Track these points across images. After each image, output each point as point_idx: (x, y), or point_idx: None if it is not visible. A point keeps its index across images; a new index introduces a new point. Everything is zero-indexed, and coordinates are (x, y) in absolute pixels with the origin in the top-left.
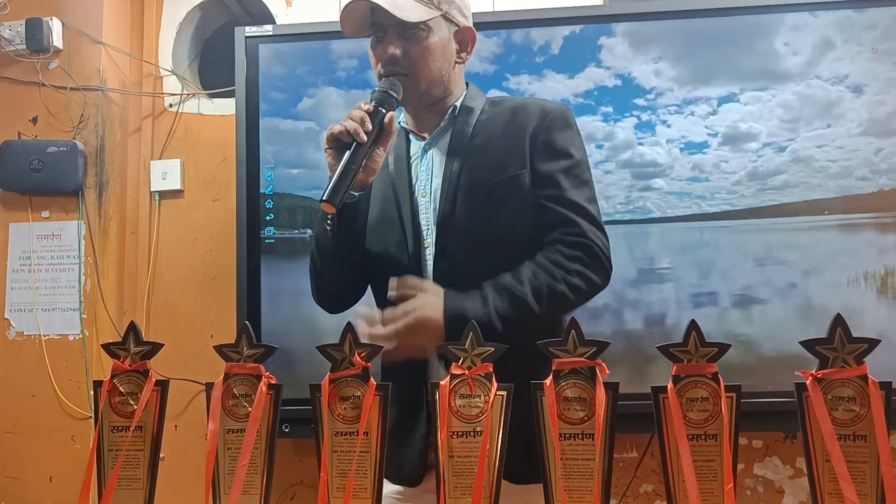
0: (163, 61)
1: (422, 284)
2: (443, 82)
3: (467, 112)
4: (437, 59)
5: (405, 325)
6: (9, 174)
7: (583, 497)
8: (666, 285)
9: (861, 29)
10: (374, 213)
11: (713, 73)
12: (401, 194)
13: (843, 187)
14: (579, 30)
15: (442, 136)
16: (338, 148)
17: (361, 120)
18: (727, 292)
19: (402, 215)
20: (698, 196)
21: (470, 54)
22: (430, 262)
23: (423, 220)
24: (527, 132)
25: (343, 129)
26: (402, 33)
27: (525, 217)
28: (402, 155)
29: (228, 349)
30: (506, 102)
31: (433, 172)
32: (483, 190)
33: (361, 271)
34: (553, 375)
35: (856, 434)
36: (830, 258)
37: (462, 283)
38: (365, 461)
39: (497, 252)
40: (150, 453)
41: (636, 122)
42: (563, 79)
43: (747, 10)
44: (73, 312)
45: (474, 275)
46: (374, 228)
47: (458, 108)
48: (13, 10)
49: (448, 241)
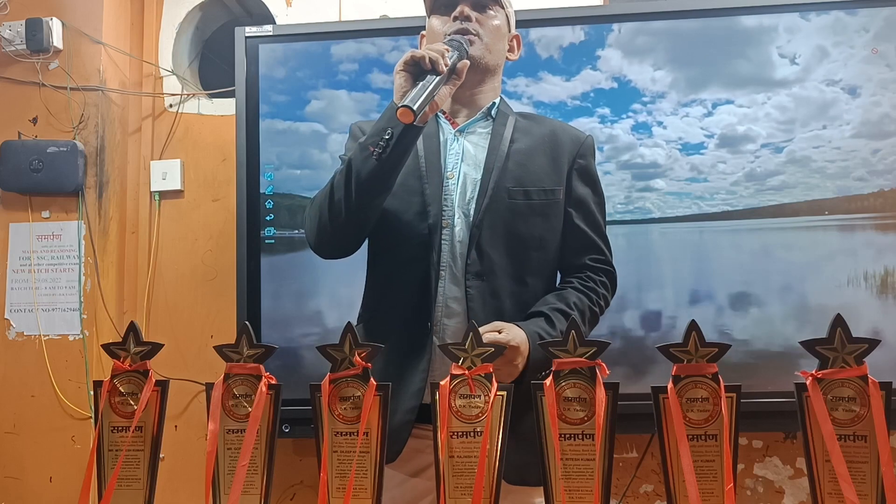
0: (163, 61)
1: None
2: (496, 62)
3: (504, 116)
4: (499, 40)
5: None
6: (9, 174)
7: (583, 497)
8: (665, 285)
9: (853, 31)
10: (398, 178)
11: (709, 77)
12: (429, 169)
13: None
14: (578, 42)
15: (474, 127)
16: (413, 73)
17: (441, 53)
18: (726, 293)
19: (425, 189)
20: (697, 196)
21: (516, 56)
22: (447, 244)
23: (448, 200)
24: (565, 154)
25: (425, 55)
26: (476, 5)
27: (554, 229)
28: (433, 133)
29: (228, 349)
30: (537, 119)
31: (462, 159)
32: (521, 193)
33: (375, 218)
34: (553, 375)
35: (856, 434)
36: (829, 258)
37: (490, 277)
38: (365, 461)
39: (526, 254)
40: (150, 453)
41: (633, 123)
42: (560, 81)
43: (748, 9)
44: (73, 312)
45: (502, 270)
46: (395, 192)
47: (496, 108)
48: (13, 10)
49: (483, 233)
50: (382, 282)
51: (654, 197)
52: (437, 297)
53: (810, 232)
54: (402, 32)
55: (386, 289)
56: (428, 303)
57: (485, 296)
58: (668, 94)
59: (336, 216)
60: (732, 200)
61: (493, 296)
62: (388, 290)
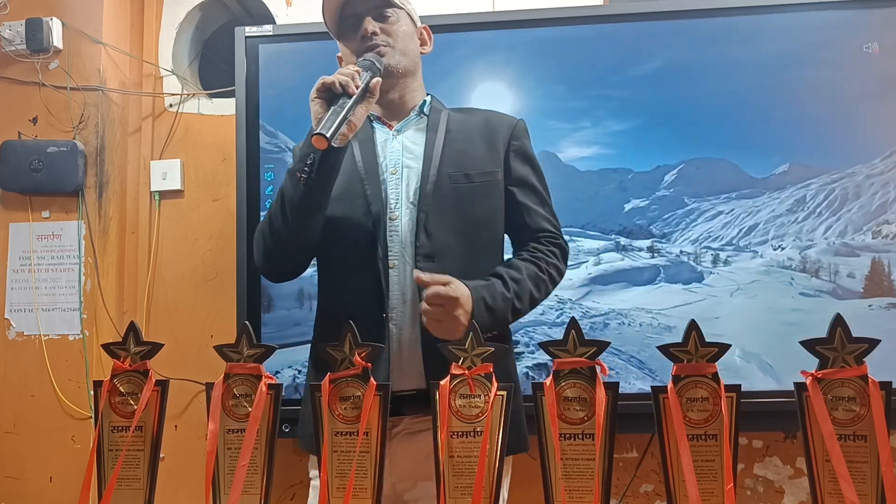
0: (163, 61)
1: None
2: (413, 63)
3: (437, 112)
4: (408, 40)
5: (446, 294)
6: (9, 174)
7: (583, 497)
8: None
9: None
10: (337, 186)
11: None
12: (367, 171)
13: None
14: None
15: (409, 125)
16: (326, 98)
17: (352, 76)
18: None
19: (366, 190)
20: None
21: (429, 48)
22: (397, 234)
23: (393, 195)
24: (500, 138)
25: (335, 81)
26: (377, 17)
27: (498, 209)
28: (368, 138)
29: (228, 349)
30: (469, 111)
31: (402, 155)
32: (462, 177)
33: (317, 237)
34: (553, 375)
35: (856, 434)
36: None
37: (441, 258)
38: (365, 461)
39: (474, 234)
40: (150, 453)
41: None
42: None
43: (748, 10)
44: (73, 312)
45: (452, 251)
46: (335, 200)
47: (428, 105)
48: (13, 10)
49: (430, 217)
50: (335, 283)
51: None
52: (391, 287)
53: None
54: None
55: (339, 288)
56: (380, 294)
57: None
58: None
59: (277, 242)
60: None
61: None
62: (342, 289)
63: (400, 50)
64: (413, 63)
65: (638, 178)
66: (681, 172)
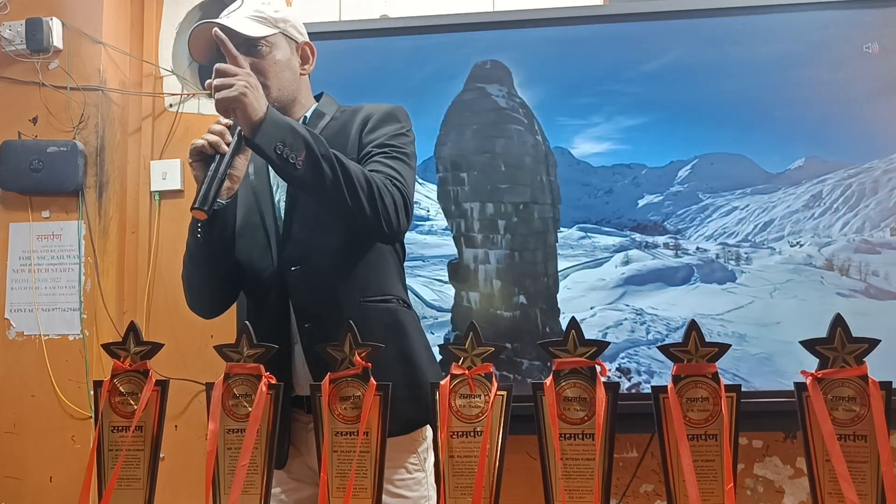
0: (163, 61)
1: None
2: (292, 91)
3: (318, 117)
4: (283, 69)
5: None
6: (9, 174)
7: (583, 497)
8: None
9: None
10: (239, 219)
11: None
12: (262, 201)
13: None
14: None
15: None
16: (202, 160)
17: (221, 133)
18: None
19: (264, 220)
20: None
21: (312, 66)
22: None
23: (287, 218)
24: (356, 126)
25: (205, 143)
26: (248, 51)
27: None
28: (262, 165)
29: (228, 349)
30: (354, 108)
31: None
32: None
33: (232, 277)
34: (553, 375)
35: (856, 434)
36: None
37: (307, 264)
38: (365, 461)
39: (338, 226)
40: (150, 453)
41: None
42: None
43: (749, 10)
44: (73, 312)
45: (318, 256)
46: (239, 234)
47: (308, 117)
48: (13, 10)
49: (292, 227)
50: (250, 307)
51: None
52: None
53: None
54: (402, 32)
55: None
56: (287, 314)
57: (308, 276)
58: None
59: (195, 287)
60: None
61: (316, 274)
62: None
63: (277, 86)
64: (291, 92)
65: (652, 174)
66: (695, 167)
